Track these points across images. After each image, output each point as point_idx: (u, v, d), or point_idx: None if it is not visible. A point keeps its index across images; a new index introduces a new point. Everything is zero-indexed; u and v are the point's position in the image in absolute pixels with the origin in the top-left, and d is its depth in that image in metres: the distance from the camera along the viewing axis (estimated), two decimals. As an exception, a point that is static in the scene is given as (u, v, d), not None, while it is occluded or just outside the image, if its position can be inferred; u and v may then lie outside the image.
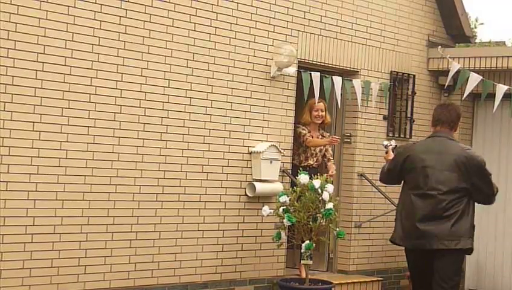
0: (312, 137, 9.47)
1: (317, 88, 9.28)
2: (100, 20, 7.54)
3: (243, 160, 8.77)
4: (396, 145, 8.90)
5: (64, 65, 7.30)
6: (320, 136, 9.57)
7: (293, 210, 8.18)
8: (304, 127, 9.46)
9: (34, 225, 7.13)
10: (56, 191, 7.28)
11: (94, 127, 7.52)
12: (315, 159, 9.50)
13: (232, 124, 8.66)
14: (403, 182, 7.58)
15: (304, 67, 9.38)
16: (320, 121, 9.53)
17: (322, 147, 9.55)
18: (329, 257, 10.12)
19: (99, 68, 7.55)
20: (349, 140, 10.16)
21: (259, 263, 8.93)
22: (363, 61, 10.15)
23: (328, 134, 9.71)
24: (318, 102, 9.46)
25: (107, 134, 7.63)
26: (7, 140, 6.95)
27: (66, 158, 7.33)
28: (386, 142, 9.04)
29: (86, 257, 7.50)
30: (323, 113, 9.53)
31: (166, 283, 8.12)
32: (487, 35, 31.80)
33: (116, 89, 7.69)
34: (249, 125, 8.83)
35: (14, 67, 6.97)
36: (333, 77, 9.55)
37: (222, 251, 8.59)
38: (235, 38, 8.67)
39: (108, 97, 7.63)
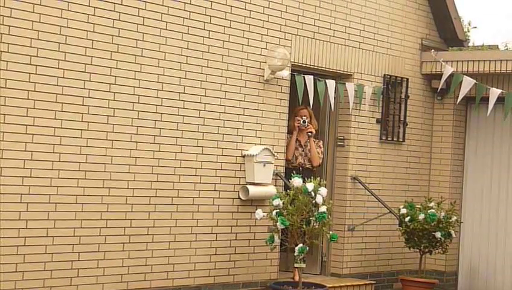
0: (299, 142, 9.51)
1: (311, 91, 9.29)
2: (93, 23, 7.53)
3: (236, 163, 8.77)
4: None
5: (58, 68, 7.29)
6: (306, 142, 9.55)
7: (286, 213, 8.18)
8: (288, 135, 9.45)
9: (26, 228, 7.11)
10: (49, 194, 7.26)
11: (87, 130, 7.51)
12: (304, 154, 9.50)
13: (225, 127, 8.66)
14: None
15: (298, 70, 9.38)
16: (303, 128, 9.50)
17: (305, 143, 9.52)
18: (322, 260, 10.12)
19: (93, 71, 7.54)
20: (342, 143, 10.17)
21: (252, 266, 8.92)
22: (357, 65, 10.16)
23: (316, 140, 9.69)
24: (301, 109, 9.48)
25: (100, 137, 7.62)
26: (0, 143, 6.93)
27: (59, 161, 7.32)
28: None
29: (78, 260, 7.48)
30: (308, 119, 9.50)
31: (160, 286, 8.11)
32: (480, 39, 31.85)
33: (110, 92, 7.68)
34: (243, 129, 8.83)
35: (7, 70, 6.95)
36: (326, 80, 9.57)
37: (215, 254, 8.58)
38: (229, 41, 8.67)
39: (102, 100, 7.62)
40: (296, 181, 8.31)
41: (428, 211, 9.78)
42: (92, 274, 7.58)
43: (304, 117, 9.47)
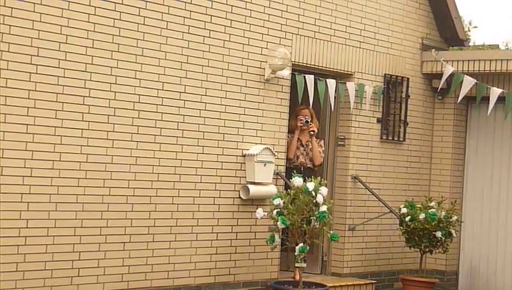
0: (300, 141, 9.51)
1: (312, 91, 9.29)
2: (94, 23, 7.53)
3: (236, 163, 8.77)
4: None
5: (58, 67, 7.28)
6: (307, 142, 9.56)
7: (287, 213, 8.18)
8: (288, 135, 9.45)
9: (27, 228, 7.11)
10: (49, 194, 7.26)
11: (88, 129, 7.51)
12: (305, 154, 9.51)
13: (226, 127, 8.66)
14: None
15: (298, 70, 9.38)
16: (305, 128, 9.50)
17: (306, 143, 9.53)
18: (323, 260, 10.12)
19: (93, 71, 7.54)
20: (343, 143, 10.17)
21: (253, 266, 8.92)
22: (357, 64, 10.16)
23: (318, 139, 9.70)
24: (303, 108, 9.48)
25: (101, 136, 7.62)
26: (0, 142, 6.93)
27: (60, 161, 7.32)
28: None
29: (79, 260, 7.48)
30: (310, 119, 9.51)
31: (160, 286, 8.11)
32: (481, 38, 31.88)
33: (110, 91, 7.68)
34: (243, 128, 8.83)
35: (7, 69, 6.95)
36: (327, 79, 9.57)
37: (216, 254, 8.59)
38: (229, 41, 8.67)
39: (102, 100, 7.62)
40: (297, 181, 8.31)
41: (429, 211, 9.78)
42: (93, 274, 7.58)
43: (306, 117, 9.48)
